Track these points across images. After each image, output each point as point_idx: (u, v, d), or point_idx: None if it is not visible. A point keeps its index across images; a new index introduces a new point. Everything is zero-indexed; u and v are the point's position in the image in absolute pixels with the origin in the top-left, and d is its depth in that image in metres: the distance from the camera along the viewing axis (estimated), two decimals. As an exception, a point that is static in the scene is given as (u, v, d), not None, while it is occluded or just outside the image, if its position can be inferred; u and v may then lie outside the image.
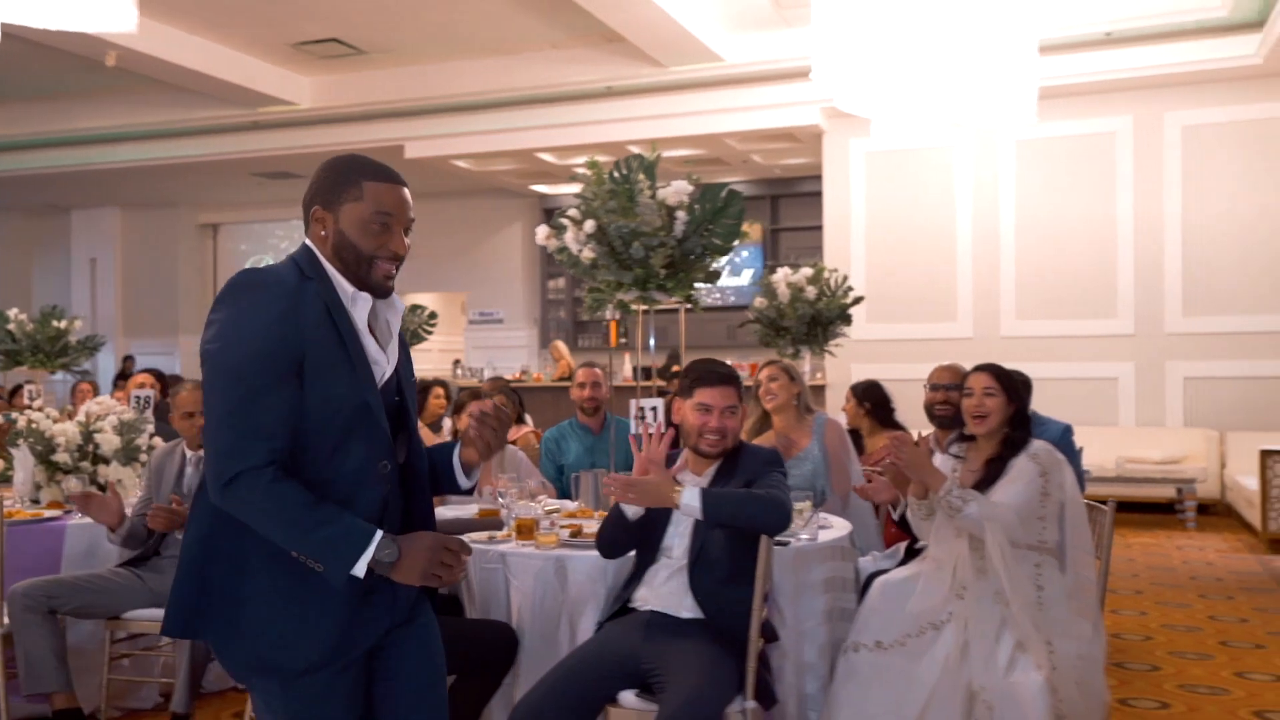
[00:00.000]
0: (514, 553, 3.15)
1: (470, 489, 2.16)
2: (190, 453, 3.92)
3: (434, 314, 11.08)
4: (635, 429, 3.84)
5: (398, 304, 2.05)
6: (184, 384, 4.00)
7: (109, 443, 4.26)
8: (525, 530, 3.26)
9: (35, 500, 4.26)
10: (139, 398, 4.65)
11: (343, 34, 9.66)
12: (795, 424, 4.21)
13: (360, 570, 1.84)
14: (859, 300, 6.45)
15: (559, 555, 3.11)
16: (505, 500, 3.46)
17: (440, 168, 11.40)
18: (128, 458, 4.30)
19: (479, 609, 3.19)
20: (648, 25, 8.49)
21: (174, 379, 7.33)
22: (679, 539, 2.91)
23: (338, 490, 1.90)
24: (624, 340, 10.62)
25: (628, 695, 2.72)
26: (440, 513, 3.64)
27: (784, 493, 2.84)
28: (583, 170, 3.93)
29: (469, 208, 13.49)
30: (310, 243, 1.98)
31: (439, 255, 13.42)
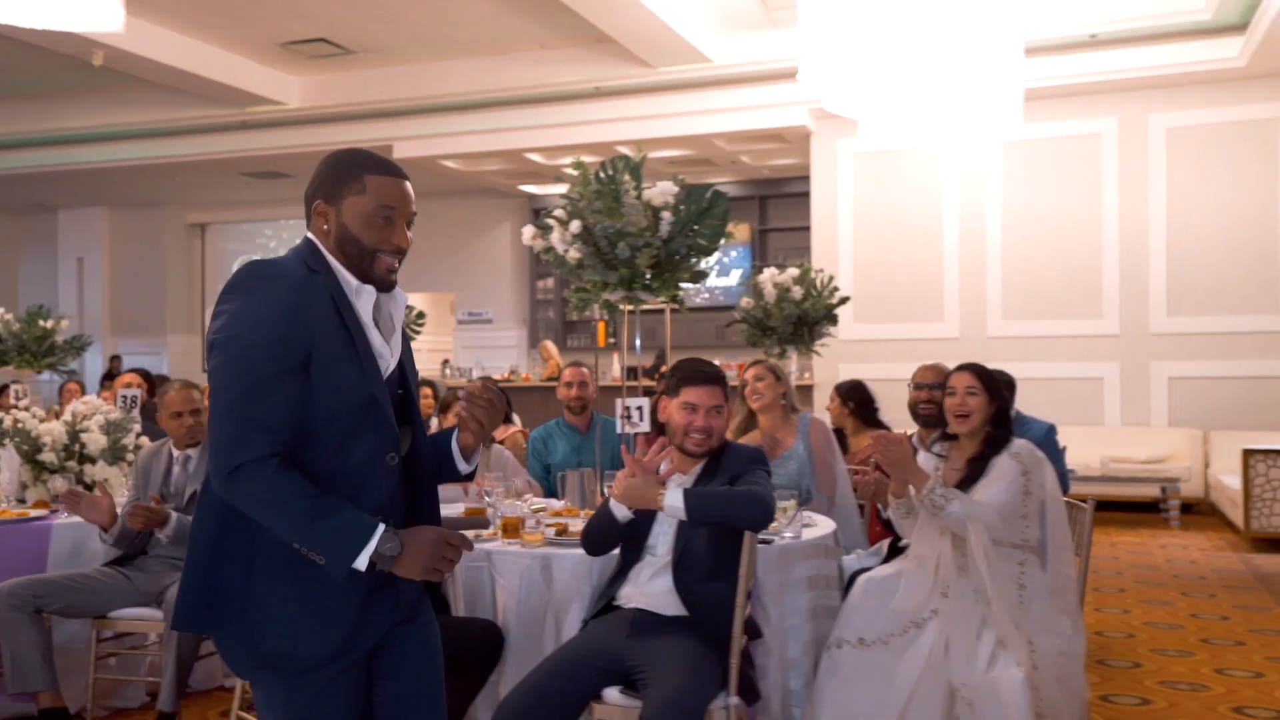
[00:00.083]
0: (500, 551, 3.17)
1: (470, 474, 2.15)
2: (177, 452, 3.92)
3: (422, 314, 11.07)
4: (621, 428, 3.86)
5: (400, 297, 2.05)
6: (172, 384, 3.99)
7: (95, 442, 4.27)
8: (511, 529, 3.28)
9: (21, 500, 4.26)
10: (125, 397, 4.65)
11: (331, 34, 9.65)
12: (781, 423, 4.24)
13: (362, 564, 1.84)
14: (845, 300, 6.48)
15: (544, 554, 3.13)
16: (491, 499, 3.48)
17: (429, 168, 11.40)
18: (114, 457, 4.31)
19: (465, 607, 3.20)
20: (636, 26, 8.51)
21: (161, 379, 7.33)
22: (663, 537, 2.93)
23: (345, 483, 1.89)
24: (613, 340, 10.63)
25: (612, 692, 2.74)
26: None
27: (767, 489, 2.86)
28: (570, 170, 3.95)
29: (458, 208, 13.49)
30: (313, 236, 1.98)
31: (428, 255, 13.40)
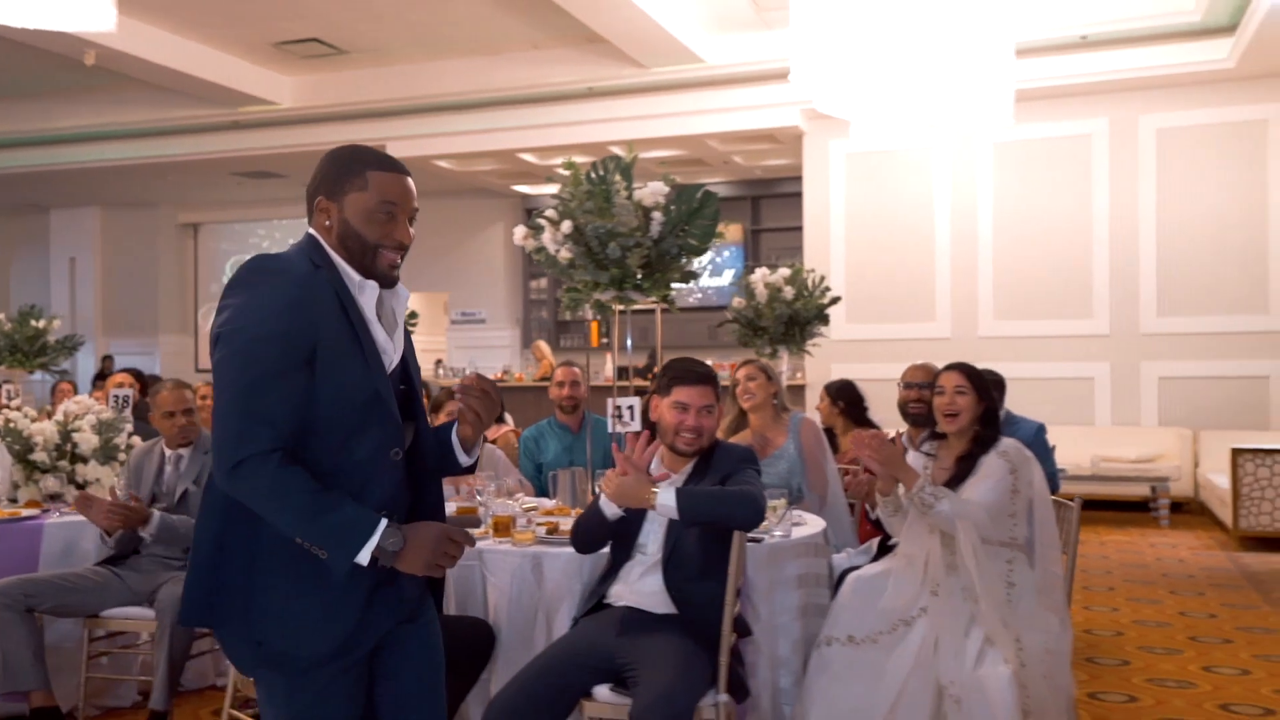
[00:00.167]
0: (491, 550, 3.18)
1: (472, 466, 2.15)
2: (169, 451, 3.93)
3: (415, 314, 11.10)
4: (612, 428, 3.87)
5: (402, 293, 2.04)
6: (164, 383, 3.99)
7: (87, 442, 4.27)
8: (502, 527, 3.29)
9: (13, 499, 4.26)
10: (117, 397, 4.65)
11: (323, 34, 9.65)
12: (771, 423, 4.26)
13: (364, 558, 1.83)
14: (836, 300, 6.51)
15: (535, 552, 3.14)
16: (483, 498, 3.50)
17: (422, 168, 11.40)
18: (106, 457, 4.31)
19: (456, 606, 3.21)
20: (628, 26, 8.53)
21: (153, 379, 7.32)
22: (654, 536, 2.95)
23: (350, 479, 1.88)
24: (605, 340, 10.65)
25: (602, 690, 2.76)
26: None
27: (757, 488, 2.88)
28: (561, 171, 3.96)
29: (451, 208, 13.50)
30: (315, 232, 1.97)
31: (421, 255, 13.37)
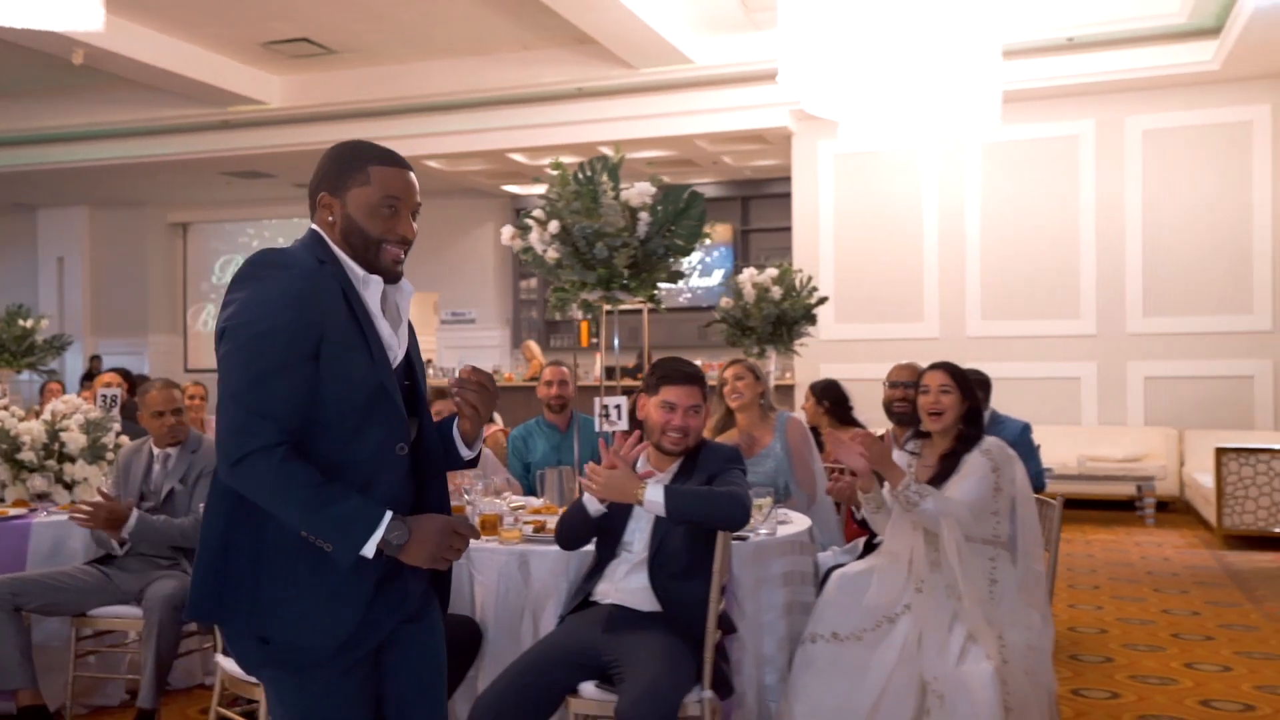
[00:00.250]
0: (478, 548, 3.19)
1: (474, 460, 2.15)
2: (158, 450, 3.94)
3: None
4: (600, 427, 3.89)
5: (406, 288, 2.05)
6: (153, 382, 4.00)
7: (75, 441, 4.27)
8: (489, 526, 3.31)
9: (0, 499, 4.26)
10: (105, 396, 4.66)
11: (313, 33, 9.64)
12: (758, 422, 4.29)
13: (369, 550, 1.83)
14: (823, 300, 6.54)
15: (522, 550, 3.16)
16: (470, 496, 3.51)
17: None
18: (94, 456, 4.31)
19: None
20: (617, 27, 8.54)
21: (141, 379, 7.31)
22: (639, 534, 2.97)
23: (355, 474, 1.88)
24: (595, 340, 10.66)
25: (588, 686, 2.77)
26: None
27: (743, 490, 2.91)
28: (550, 171, 3.98)
29: (440, 208, 13.47)
30: (318, 228, 1.98)
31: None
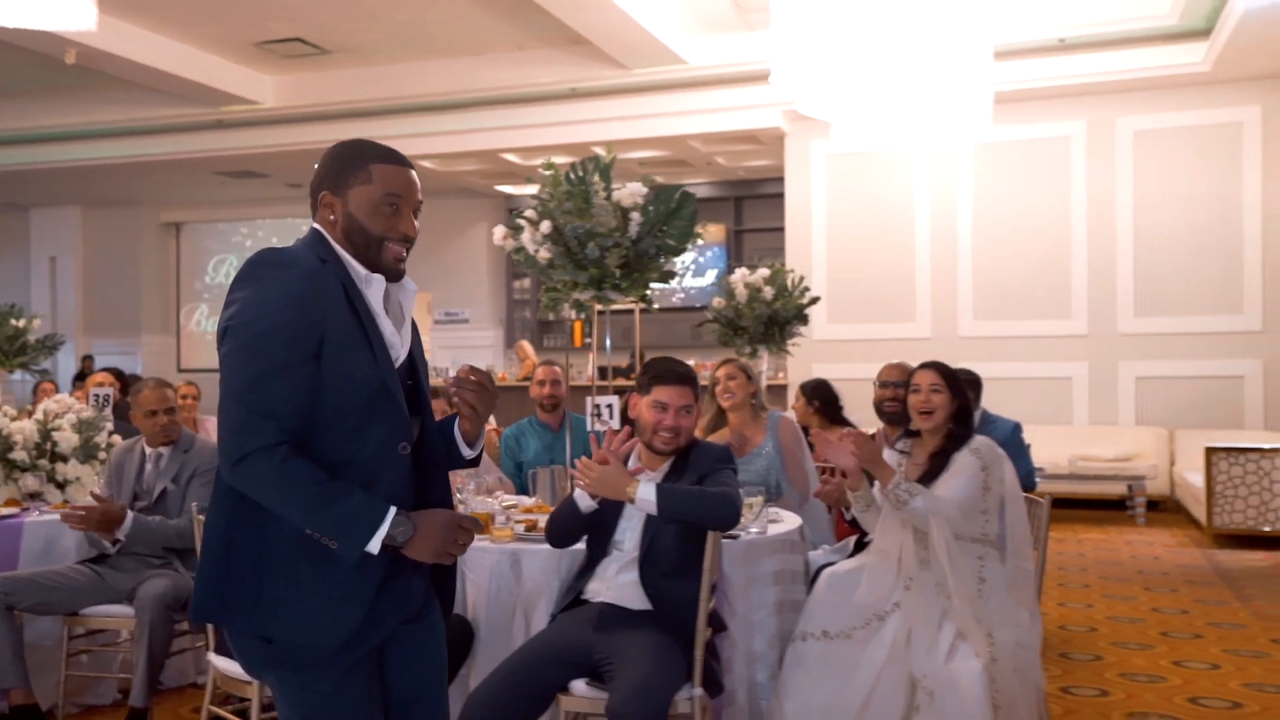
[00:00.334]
0: (470, 547, 3.20)
1: (475, 459, 2.15)
2: (150, 450, 3.94)
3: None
4: (592, 426, 3.91)
5: (409, 286, 2.04)
6: (146, 382, 4.00)
7: (67, 440, 4.27)
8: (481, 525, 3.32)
9: (-8, 498, 4.27)
10: (97, 396, 4.66)
11: (306, 33, 9.65)
12: (750, 421, 4.31)
13: (374, 546, 1.84)
14: (815, 300, 6.56)
15: (514, 549, 3.17)
16: (462, 495, 3.52)
17: (405, 168, 11.38)
18: (86, 455, 4.32)
19: (435, 602, 3.24)
20: (610, 28, 8.56)
21: (133, 378, 7.31)
22: (630, 533, 2.98)
23: (359, 472, 1.89)
24: (588, 341, 10.67)
25: (579, 684, 2.79)
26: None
27: (734, 490, 2.92)
28: (542, 171, 3.99)
29: (434, 208, 13.45)
30: (319, 227, 1.98)
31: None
